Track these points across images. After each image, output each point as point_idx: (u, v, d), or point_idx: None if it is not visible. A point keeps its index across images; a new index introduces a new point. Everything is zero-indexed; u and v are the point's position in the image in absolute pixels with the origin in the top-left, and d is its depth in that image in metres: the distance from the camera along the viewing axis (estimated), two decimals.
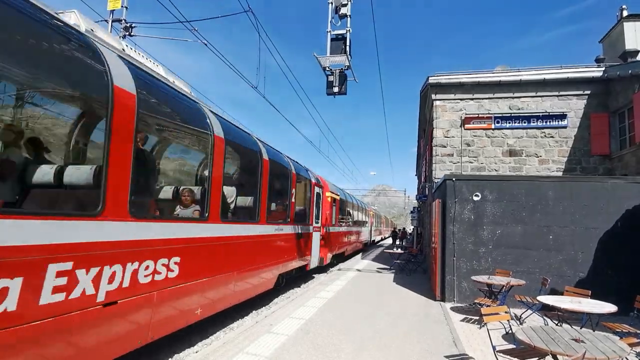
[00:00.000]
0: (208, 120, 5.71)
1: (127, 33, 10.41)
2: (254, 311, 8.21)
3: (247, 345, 5.29)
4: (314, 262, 12.12)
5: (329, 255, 14.43)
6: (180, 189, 5.62)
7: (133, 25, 10.51)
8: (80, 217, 3.37)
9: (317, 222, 12.59)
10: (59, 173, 3.65)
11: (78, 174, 3.75)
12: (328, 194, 14.47)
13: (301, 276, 12.19)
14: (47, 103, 4.54)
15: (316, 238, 12.36)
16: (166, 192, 5.66)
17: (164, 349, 5.53)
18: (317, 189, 12.63)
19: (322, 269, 14.09)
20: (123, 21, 10.33)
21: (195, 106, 5.74)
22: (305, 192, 11.76)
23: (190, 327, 5.59)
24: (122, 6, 10.22)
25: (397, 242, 33.96)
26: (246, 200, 7.48)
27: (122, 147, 3.82)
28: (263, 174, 7.69)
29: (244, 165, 8.04)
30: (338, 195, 16.38)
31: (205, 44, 9.59)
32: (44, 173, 3.65)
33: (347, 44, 8.35)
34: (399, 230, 41.71)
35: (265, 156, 7.86)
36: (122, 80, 3.90)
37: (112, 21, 10.28)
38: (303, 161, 12.29)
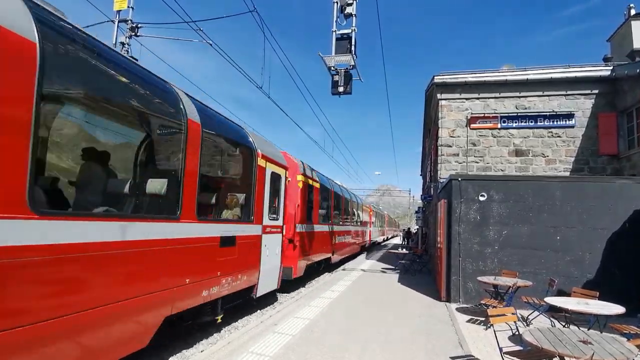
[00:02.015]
0: None
1: (133, 33, 10.46)
2: (258, 311, 8.23)
3: (252, 345, 5.30)
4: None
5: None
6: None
7: (139, 25, 10.56)
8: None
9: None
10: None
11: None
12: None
13: (290, 282, 10.27)
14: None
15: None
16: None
17: (168, 348, 5.56)
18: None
19: (291, 284, 10.55)
20: (129, 21, 10.38)
21: None
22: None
23: (195, 327, 5.61)
24: (128, 6, 10.27)
25: (403, 242, 34.03)
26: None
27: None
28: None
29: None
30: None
31: (210, 44, 9.62)
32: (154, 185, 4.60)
33: (353, 43, 8.33)
34: (404, 230, 41.65)
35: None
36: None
37: (119, 21, 10.34)
38: (307, 161, 12.24)
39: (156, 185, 4.71)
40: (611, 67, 12.80)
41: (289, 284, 10.44)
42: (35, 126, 2.87)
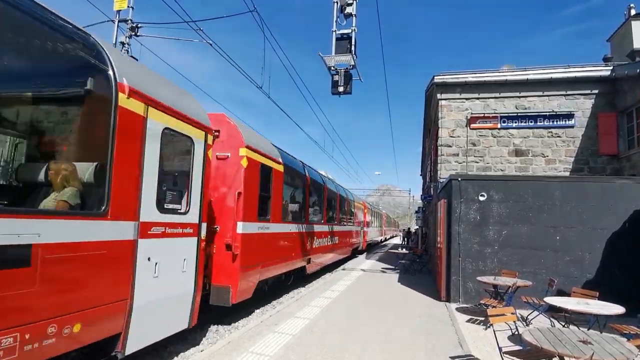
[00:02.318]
0: None
1: (133, 33, 10.46)
2: (258, 310, 8.23)
3: (252, 345, 5.30)
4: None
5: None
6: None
7: (139, 25, 10.56)
8: None
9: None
10: None
11: None
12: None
13: (304, 277, 9.92)
14: None
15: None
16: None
17: (168, 347, 5.56)
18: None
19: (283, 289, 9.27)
20: (129, 21, 10.38)
21: None
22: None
23: (195, 327, 5.61)
24: (128, 6, 10.26)
25: (403, 242, 34.10)
26: None
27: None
28: None
29: None
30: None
31: (210, 44, 9.62)
32: None
33: (353, 43, 8.32)
34: (404, 230, 41.68)
35: None
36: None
37: (119, 21, 10.33)
38: (307, 161, 12.17)
39: None
40: (611, 67, 12.80)
41: (292, 285, 10.39)
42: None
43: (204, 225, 5.46)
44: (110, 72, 3.83)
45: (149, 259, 4.32)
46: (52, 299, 3.17)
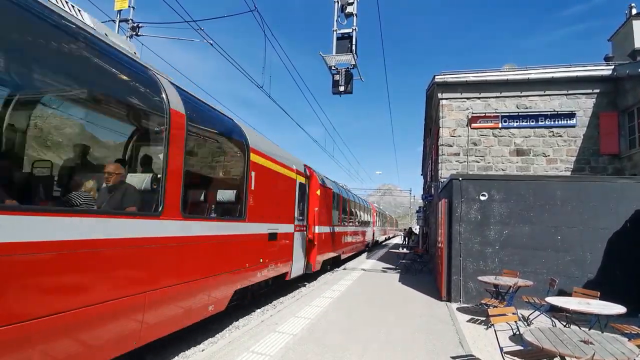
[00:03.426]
0: None
1: (134, 33, 10.46)
2: (259, 310, 8.23)
3: (253, 344, 5.30)
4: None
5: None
6: None
7: (140, 25, 10.56)
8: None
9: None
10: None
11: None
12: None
13: (306, 276, 11.49)
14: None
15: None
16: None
17: (169, 347, 5.56)
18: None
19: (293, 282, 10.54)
20: (130, 21, 10.38)
21: None
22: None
23: (196, 326, 5.61)
24: (129, 6, 10.27)
25: (404, 242, 34.15)
26: None
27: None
28: None
29: None
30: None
31: (211, 44, 9.62)
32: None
33: (353, 42, 8.32)
34: (405, 229, 41.83)
35: None
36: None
37: (119, 21, 10.34)
38: (308, 161, 12.27)
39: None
40: (612, 67, 12.78)
41: (293, 284, 10.46)
42: None
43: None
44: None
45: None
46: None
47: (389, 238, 52.76)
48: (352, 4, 8.30)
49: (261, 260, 7.35)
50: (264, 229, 7.45)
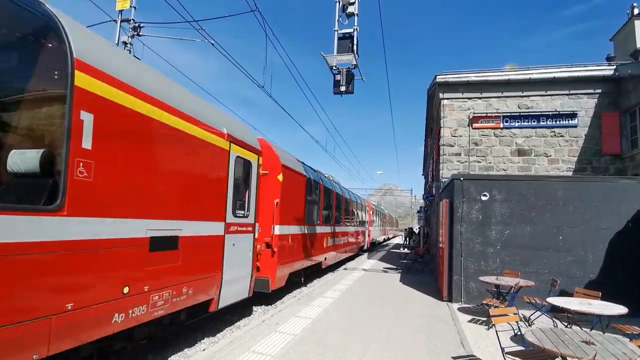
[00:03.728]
0: None
1: (136, 33, 10.48)
2: (260, 310, 8.23)
3: (254, 344, 5.30)
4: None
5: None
6: None
7: (141, 25, 10.58)
8: None
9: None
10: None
11: None
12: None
13: (307, 275, 11.43)
14: None
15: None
16: None
17: (171, 346, 5.57)
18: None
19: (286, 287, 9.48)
20: (131, 21, 10.40)
21: None
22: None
23: (197, 325, 5.62)
24: (130, 6, 10.28)
25: (405, 242, 34.19)
26: None
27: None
28: None
29: None
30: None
31: (212, 44, 9.63)
32: None
33: (355, 42, 8.32)
34: (406, 229, 41.72)
35: None
36: None
37: (121, 21, 10.36)
38: (309, 161, 12.15)
39: None
40: (614, 67, 12.75)
41: (293, 284, 10.43)
42: None
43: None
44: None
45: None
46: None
47: (389, 238, 52.14)
48: (353, 3, 8.29)
49: (126, 291, 4.00)
50: (133, 229, 4.11)
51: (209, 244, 5.64)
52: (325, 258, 13.43)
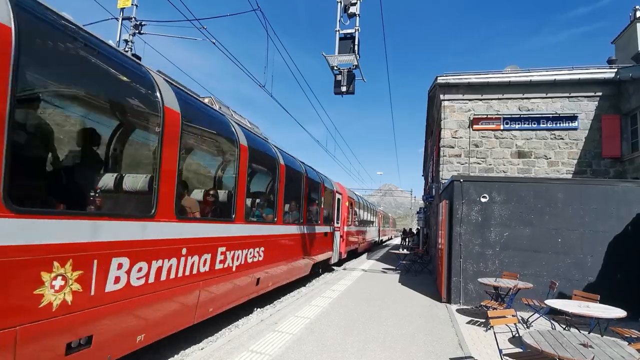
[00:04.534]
0: None
1: (137, 31, 10.48)
2: (259, 309, 8.24)
3: (252, 344, 5.31)
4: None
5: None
6: None
7: (143, 23, 10.58)
8: None
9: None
10: None
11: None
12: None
13: (307, 276, 11.80)
14: None
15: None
16: None
17: (168, 346, 5.57)
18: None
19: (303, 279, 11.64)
20: (133, 19, 10.40)
21: None
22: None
23: (195, 325, 5.62)
24: (132, 4, 10.29)
25: (403, 243, 34.29)
26: None
27: None
28: None
29: None
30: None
31: (214, 43, 9.63)
32: None
33: (356, 43, 8.32)
34: (405, 230, 42.04)
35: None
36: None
37: (122, 19, 10.36)
38: (309, 161, 12.27)
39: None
40: (615, 70, 12.75)
41: (294, 284, 10.50)
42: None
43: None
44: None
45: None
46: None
47: (391, 238, 52.83)
48: (355, 4, 8.29)
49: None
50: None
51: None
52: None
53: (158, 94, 4.47)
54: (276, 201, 8.42)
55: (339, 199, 15.43)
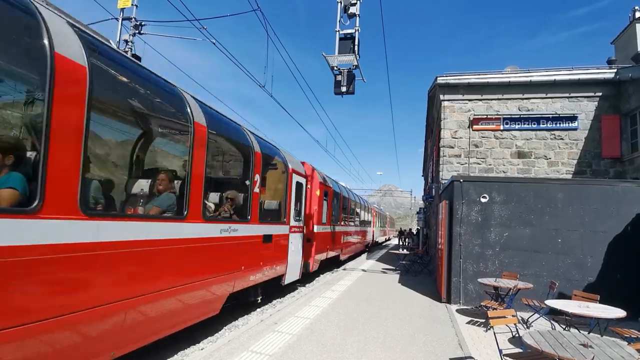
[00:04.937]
0: None
1: (137, 31, 10.48)
2: (258, 309, 8.24)
3: (252, 344, 5.31)
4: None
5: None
6: None
7: (143, 23, 10.58)
8: None
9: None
10: None
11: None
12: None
13: (307, 276, 11.64)
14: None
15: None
16: None
17: (169, 346, 5.57)
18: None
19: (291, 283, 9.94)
20: (133, 19, 10.40)
21: None
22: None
23: (195, 325, 5.62)
24: (132, 4, 10.29)
25: (402, 243, 34.30)
26: None
27: None
28: None
29: None
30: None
31: (214, 43, 9.63)
32: None
33: (356, 43, 8.32)
34: (405, 230, 41.74)
35: None
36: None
37: (122, 19, 10.36)
38: (309, 161, 12.20)
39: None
40: (615, 70, 12.76)
41: (294, 284, 10.47)
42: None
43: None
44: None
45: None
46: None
47: (389, 239, 51.87)
48: (355, 4, 8.29)
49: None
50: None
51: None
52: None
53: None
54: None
55: (299, 183, 9.89)
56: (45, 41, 3.02)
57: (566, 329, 5.92)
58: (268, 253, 7.86)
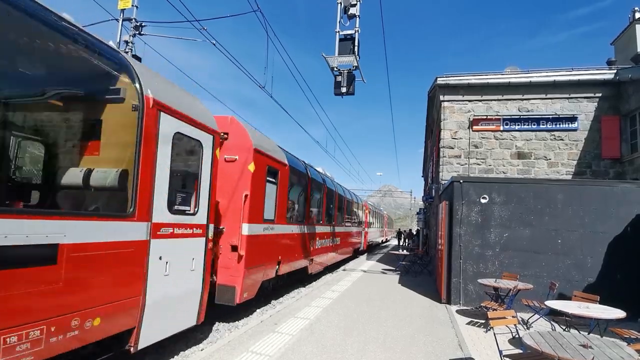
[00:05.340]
0: None
1: (137, 32, 10.49)
2: (258, 310, 8.24)
3: (252, 344, 5.31)
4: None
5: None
6: None
7: (143, 24, 10.59)
8: None
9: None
10: None
11: None
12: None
13: (307, 276, 11.39)
14: None
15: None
16: None
17: (169, 347, 5.57)
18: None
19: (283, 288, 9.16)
20: (133, 20, 10.41)
21: None
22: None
23: (195, 326, 5.62)
24: (132, 5, 10.29)
25: (402, 243, 34.33)
26: None
27: None
28: None
29: None
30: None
31: (214, 44, 9.63)
32: None
33: (356, 44, 8.33)
34: (405, 231, 41.74)
35: None
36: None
37: (123, 20, 10.36)
38: (309, 161, 12.16)
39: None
40: (615, 71, 12.77)
41: (294, 284, 10.44)
42: None
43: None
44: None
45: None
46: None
47: (388, 240, 51.61)
48: (355, 5, 8.30)
49: None
50: None
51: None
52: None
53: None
54: None
55: (191, 141, 5.16)
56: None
57: (566, 329, 5.92)
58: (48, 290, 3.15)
